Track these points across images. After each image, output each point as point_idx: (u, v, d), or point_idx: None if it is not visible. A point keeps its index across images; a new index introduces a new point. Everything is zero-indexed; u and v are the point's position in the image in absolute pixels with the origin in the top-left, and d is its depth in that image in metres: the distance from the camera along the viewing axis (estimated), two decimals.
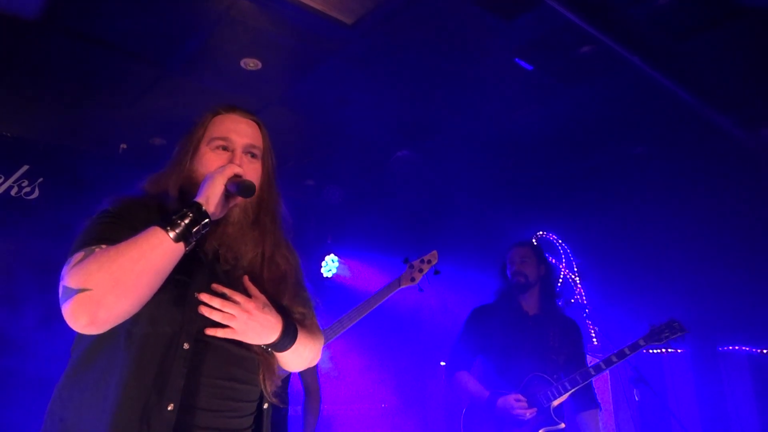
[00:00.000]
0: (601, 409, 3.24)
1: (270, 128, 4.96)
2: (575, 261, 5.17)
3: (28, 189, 4.26)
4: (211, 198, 1.35)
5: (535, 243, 3.50)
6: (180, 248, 1.29)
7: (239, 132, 1.55)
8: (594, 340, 4.87)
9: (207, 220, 1.33)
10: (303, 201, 5.41)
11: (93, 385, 1.30)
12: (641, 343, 3.15)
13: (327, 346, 4.71)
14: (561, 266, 5.17)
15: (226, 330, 1.36)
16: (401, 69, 3.54)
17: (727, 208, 4.12)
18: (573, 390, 3.03)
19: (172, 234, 1.28)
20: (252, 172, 1.52)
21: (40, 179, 4.27)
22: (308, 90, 3.77)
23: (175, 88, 3.72)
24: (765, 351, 4.60)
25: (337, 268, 5.66)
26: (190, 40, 3.23)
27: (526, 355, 3.13)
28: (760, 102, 3.54)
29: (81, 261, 1.25)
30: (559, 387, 3.03)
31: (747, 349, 4.71)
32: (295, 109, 4.07)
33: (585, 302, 5.06)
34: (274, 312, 1.45)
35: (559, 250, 5.18)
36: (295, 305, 1.56)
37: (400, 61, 3.46)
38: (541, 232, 5.10)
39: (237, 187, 1.38)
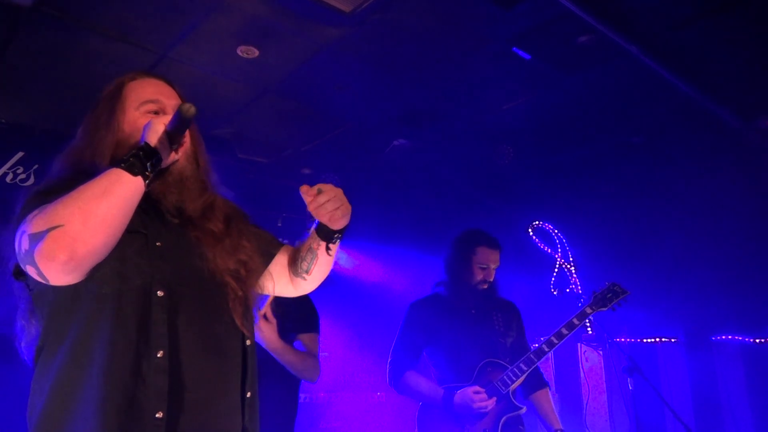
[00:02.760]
0: (550, 387, 3.25)
1: (266, 116, 4.96)
2: (571, 251, 5.19)
3: (23, 176, 4.23)
4: (154, 138, 1.35)
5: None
6: (139, 183, 1.29)
7: (166, 94, 1.57)
8: (588, 329, 4.90)
9: (157, 155, 1.34)
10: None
11: (72, 358, 1.28)
12: (588, 310, 3.15)
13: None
14: (556, 256, 5.18)
15: (344, 208, 1.53)
16: (398, 57, 3.53)
17: (723, 199, 4.14)
18: (529, 371, 2.99)
19: (128, 169, 1.28)
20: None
21: (36, 166, 4.24)
22: (305, 77, 3.75)
23: (170, 76, 3.69)
24: (758, 340, 4.64)
25: None
26: (185, 26, 3.20)
27: (475, 343, 3.05)
28: (757, 92, 3.54)
29: (41, 211, 1.23)
30: (515, 370, 2.97)
31: (740, 338, 4.75)
32: (291, 97, 4.05)
33: (580, 292, 5.08)
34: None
35: (555, 240, 5.20)
36: (260, 232, 1.70)
37: (397, 49, 3.45)
38: (537, 222, 5.11)
39: (176, 116, 1.35)
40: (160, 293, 1.34)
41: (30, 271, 1.22)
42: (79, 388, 1.25)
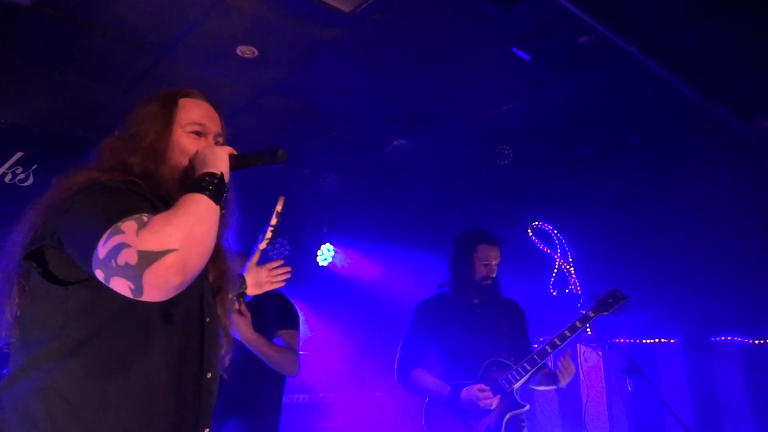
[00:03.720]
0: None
1: (266, 117, 4.95)
2: (570, 251, 5.19)
3: (22, 176, 4.23)
4: (226, 170, 1.40)
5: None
6: (219, 211, 1.34)
7: (213, 120, 1.59)
8: (588, 330, 4.90)
9: (226, 187, 1.38)
10: (299, 190, 5.40)
11: (125, 370, 1.28)
12: (590, 314, 3.22)
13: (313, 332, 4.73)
14: (556, 256, 5.18)
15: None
16: (398, 57, 3.53)
17: (723, 199, 4.13)
18: (533, 370, 3.06)
19: (212, 197, 1.32)
20: None
21: (35, 166, 4.24)
22: (304, 77, 3.76)
23: (170, 76, 3.70)
24: (757, 341, 4.64)
25: (332, 257, 5.66)
26: (184, 26, 3.20)
27: (480, 342, 3.12)
28: (757, 92, 3.54)
29: (146, 226, 1.19)
30: (519, 369, 3.04)
31: (739, 339, 4.74)
32: (290, 97, 4.05)
33: (579, 292, 5.08)
34: None
35: (554, 240, 5.19)
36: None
37: (396, 49, 3.45)
38: (536, 222, 5.10)
39: (266, 154, 1.45)
40: (207, 319, 1.46)
41: (117, 282, 1.17)
42: (132, 402, 1.27)
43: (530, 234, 5.12)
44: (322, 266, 5.63)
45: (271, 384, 2.98)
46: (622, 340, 5.18)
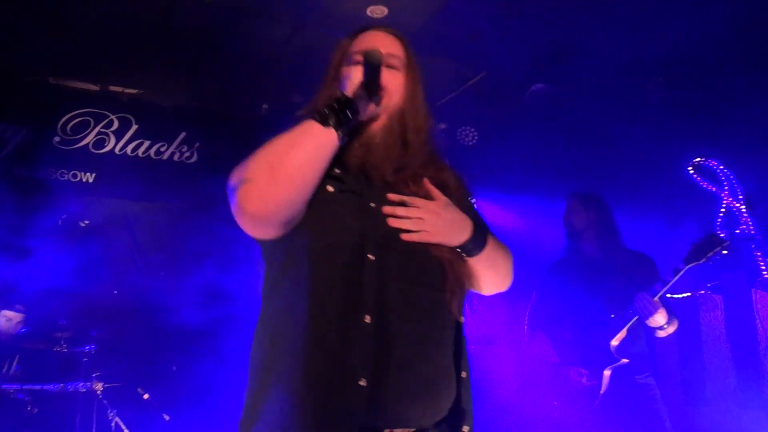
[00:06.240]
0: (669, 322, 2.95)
1: None
2: (740, 188, 4.70)
3: (188, 154, 4.67)
4: (350, 86, 1.31)
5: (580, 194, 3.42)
6: (330, 134, 1.26)
7: (377, 43, 1.44)
8: (766, 273, 4.46)
9: (353, 106, 1.29)
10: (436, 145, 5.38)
11: (285, 311, 1.28)
12: (681, 266, 2.78)
13: None
14: (723, 195, 4.73)
15: (421, 234, 1.32)
16: None
17: None
18: (629, 325, 2.88)
19: (320, 120, 1.26)
20: (392, 81, 1.42)
21: (197, 144, 4.67)
22: (436, 30, 3.69)
23: (306, 46, 3.81)
24: None
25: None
26: None
27: (591, 298, 3.07)
28: None
29: (242, 163, 1.26)
30: (613, 325, 2.94)
31: None
32: (423, 53, 4.00)
33: (753, 233, 4.61)
34: (459, 211, 1.40)
35: (721, 178, 4.73)
36: (475, 214, 1.52)
37: None
38: (698, 159, 4.67)
39: (364, 64, 1.32)
40: (371, 256, 1.28)
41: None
42: (288, 344, 1.24)
43: (692, 172, 4.71)
44: None
45: None
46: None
